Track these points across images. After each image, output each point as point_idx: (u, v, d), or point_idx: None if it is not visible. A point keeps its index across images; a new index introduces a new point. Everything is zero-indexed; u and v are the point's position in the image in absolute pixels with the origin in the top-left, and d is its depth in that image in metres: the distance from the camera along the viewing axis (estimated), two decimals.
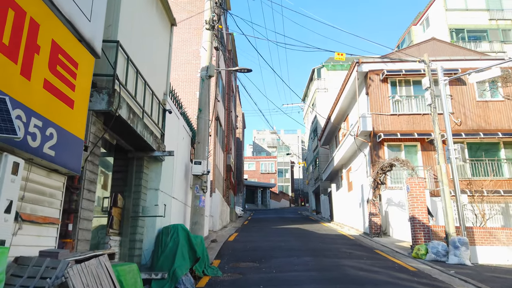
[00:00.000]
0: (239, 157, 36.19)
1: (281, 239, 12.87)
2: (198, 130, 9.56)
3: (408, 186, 10.50)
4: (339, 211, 21.68)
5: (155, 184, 7.13)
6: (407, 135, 16.32)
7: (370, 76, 17.59)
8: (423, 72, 16.94)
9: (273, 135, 76.44)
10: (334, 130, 25.84)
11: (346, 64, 33.75)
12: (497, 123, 16.60)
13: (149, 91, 6.57)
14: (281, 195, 58.62)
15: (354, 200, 18.20)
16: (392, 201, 15.38)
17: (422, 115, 16.90)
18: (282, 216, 29.07)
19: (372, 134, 16.85)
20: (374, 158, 16.60)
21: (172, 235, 6.90)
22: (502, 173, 16.09)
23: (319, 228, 18.18)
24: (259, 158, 64.83)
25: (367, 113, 17.29)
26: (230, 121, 24.37)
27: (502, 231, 10.65)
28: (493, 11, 27.27)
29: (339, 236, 14.70)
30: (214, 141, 16.45)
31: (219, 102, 18.52)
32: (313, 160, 35.35)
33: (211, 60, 10.07)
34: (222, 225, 17.70)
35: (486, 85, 17.19)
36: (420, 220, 10.12)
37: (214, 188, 16.33)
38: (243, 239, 13.08)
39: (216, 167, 17.17)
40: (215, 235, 13.44)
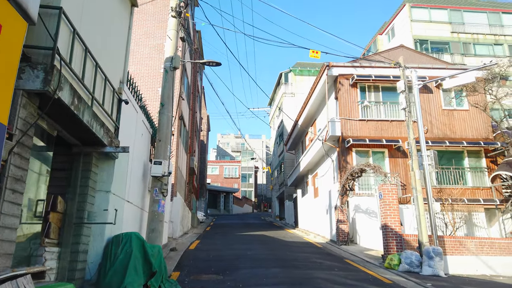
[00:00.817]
0: (202, 160, 35.08)
1: (246, 247, 12.07)
2: (160, 127, 8.60)
3: (380, 193, 10.08)
4: (304, 217, 21.21)
5: (106, 186, 6.12)
6: (376, 141, 16.12)
7: (340, 80, 17.31)
8: (392, 78, 16.92)
9: (237, 139, 75.73)
10: (301, 135, 25.49)
11: (313, 70, 33.74)
12: (462, 132, 16.81)
13: (102, 75, 5.60)
14: (244, 200, 57.85)
15: (320, 207, 17.77)
16: (360, 208, 15.04)
17: (390, 122, 16.80)
18: (245, 222, 28.27)
19: (341, 139, 16.52)
20: (342, 163, 16.26)
21: (124, 245, 5.93)
22: (465, 181, 16.26)
23: (285, 235, 17.56)
24: (223, 162, 63.79)
25: (336, 117, 16.96)
26: (195, 122, 23.35)
27: (472, 240, 10.47)
28: (455, 24, 28.20)
29: (306, 244, 14.12)
30: (177, 141, 15.43)
31: (184, 101, 17.51)
32: (278, 165, 34.91)
33: (176, 50, 9.16)
34: (183, 232, 16.63)
35: (452, 94, 17.41)
36: (393, 228, 9.71)
37: (175, 191, 15.28)
38: (205, 247, 12.15)
39: (178, 169, 16.13)
40: (175, 242, 12.41)
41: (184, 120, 17.92)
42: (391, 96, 17.35)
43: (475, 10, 28.83)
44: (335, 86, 17.79)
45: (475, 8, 28.90)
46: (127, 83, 6.98)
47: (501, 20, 28.63)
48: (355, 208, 15.04)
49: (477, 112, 17.06)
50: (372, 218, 14.89)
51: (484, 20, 28.53)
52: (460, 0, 29.47)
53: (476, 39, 27.98)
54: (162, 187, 8.32)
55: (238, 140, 75.82)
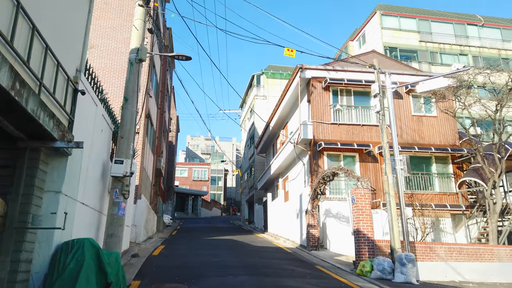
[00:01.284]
0: (171, 162, 34.07)
1: (214, 252, 11.51)
2: (123, 123, 7.93)
3: (353, 197, 9.84)
4: (274, 221, 20.86)
5: (57, 186, 5.43)
6: (347, 145, 16.02)
7: (313, 83, 17.13)
8: (364, 83, 16.93)
9: (207, 141, 74.75)
10: (272, 137, 25.20)
11: (286, 74, 33.66)
12: (430, 138, 17.04)
13: (53, 60, 4.94)
14: (213, 204, 56.96)
15: (291, 211, 17.46)
16: (330, 213, 14.85)
17: (361, 126, 16.78)
18: (214, 226, 27.59)
19: (313, 142, 16.31)
20: (314, 167, 16.04)
21: (75, 253, 5.26)
22: (433, 187, 16.45)
23: (254, 240, 17.11)
24: (192, 164, 62.62)
25: (308, 120, 16.76)
26: (163, 122, 22.51)
27: (441, 246, 10.43)
28: (423, 33, 28.94)
29: (276, 249, 13.72)
30: (143, 140, 14.66)
31: (152, 99, 16.74)
32: (248, 168, 34.48)
33: (143, 42, 8.53)
34: (147, 236, 15.81)
35: (422, 100, 17.64)
36: (365, 234, 9.48)
37: (140, 193, 14.48)
38: (170, 252, 11.48)
39: (143, 170, 15.33)
40: (138, 248, 11.65)
41: (151, 119, 17.14)
42: (362, 101, 17.37)
43: (442, 21, 29.73)
44: (307, 89, 17.61)
45: (442, 19, 29.80)
46: (85, 72, 6.31)
47: (466, 31, 29.67)
48: (325, 213, 14.82)
49: (445, 119, 17.37)
50: (342, 222, 14.72)
51: (450, 31, 29.46)
52: (428, 10, 30.32)
53: (442, 48, 28.83)
54: (123, 188, 7.65)
55: (208, 142, 74.83)
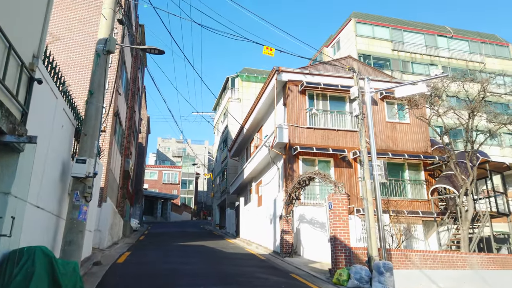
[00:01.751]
0: (140, 164, 32.95)
1: (184, 260, 10.89)
2: (87, 119, 7.25)
3: (330, 202, 9.54)
4: (246, 227, 20.38)
5: (5, 186, 4.75)
6: (322, 150, 15.83)
7: (289, 86, 16.88)
8: (340, 88, 16.84)
9: (179, 144, 73.41)
10: (246, 141, 24.79)
11: (261, 77, 33.42)
12: (403, 145, 17.15)
13: (4, 43, 4.30)
14: (183, 208, 55.77)
15: (264, 216, 17.06)
16: (305, 218, 14.56)
17: (336, 131, 16.66)
18: (183, 231, 26.76)
19: (288, 146, 16.02)
20: (288, 171, 15.73)
21: (24, 264, 4.60)
22: (406, 193, 16.52)
23: (225, 246, 16.56)
24: (162, 167, 61.17)
25: (284, 124, 16.46)
26: (133, 122, 21.61)
27: (416, 254, 10.32)
28: (396, 42, 29.50)
29: (248, 256, 13.25)
30: (111, 140, 13.85)
31: (121, 97, 15.93)
32: (220, 172, 33.87)
33: (112, 32, 7.90)
34: (113, 241, 14.93)
35: (396, 107, 17.77)
36: (342, 241, 9.19)
37: (105, 196, 13.65)
38: (136, 259, 10.77)
39: (110, 171, 14.49)
40: (101, 255, 10.86)
41: (120, 118, 16.31)
42: (338, 106, 17.28)
43: (414, 31, 30.44)
44: (283, 92, 17.34)
45: (413, 29, 30.51)
46: (44, 60, 5.66)
47: (436, 42, 30.51)
48: (299, 218, 14.52)
49: (417, 126, 17.56)
50: (316, 228, 14.47)
51: (421, 41, 30.19)
52: (401, 20, 30.98)
53: (414, 58, 29.47)
54: (85, 190, 6.97)
55: (180, 145, 73.49)
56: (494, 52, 31.47)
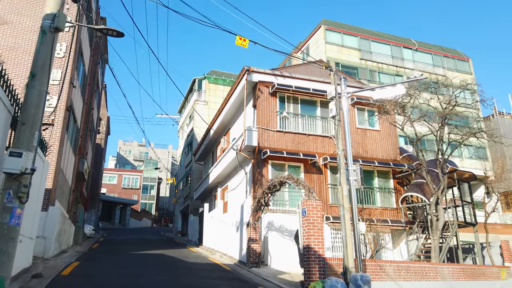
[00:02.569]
0: (98, 166, 30.97)
1: (140, 271, 9.76)
2: (26, 106, 6.10)
3: (304, 209, 8.83)
4: (210, 234, 19.32)
5: None
6: (293, 155, 15.20)
7: (260, 88, 16.18)
8: (312, 91, 16.35)
9: (141, 147, 70.84)
10: (212, 145, 23.81)
11: (229, 80, 32.61)
12: (373, 152, 16.89)
13: None
14: (143, 214, 53.45)
15: (230, 223, 16.13)
16: (273, 226, 13.80)
17: (307, 136, 16.12)
18: (142, 238, 25.19)
19: (257, 150, 15.27)
20: (257, 176, 14.95)
21: None
22: (375, 202, 16.20)
23: (187, 255, 15.44)
24: (122, 171, 58.53)
25: (254, 126, 15.71)
26: (90, 120, 20.04)
27: (391, 265, 9.83)
28: (364, 51, 29.75)
29: (212, 266, 12.26)
30: (62, 136, 12.46)
31: (76, 90, 14.53)
32: (184, 177, 32.54)
33: (62, 7, 6.80)
34: (61, 250, 13.41)
35: (366, 114, 17.53)
36: (316, 251, 8.48)
37: (53, 199, 12.21)
38: (85, 271, 9.51)
39: (60, 171, 13.05)
40: (44, 265, 9.49)
41: (74, 114, 14.88)
42: (309, 110, 16.78)
43: (381, 42, 30.88)
44: (253, 94, 16.62)
45: (381, 40, 30.96)
46: None
47: (402, 54, 31.11)
48: (268, 226, 13.74)
49: (387, 134, 17.40)
50: (285, 237, 13.74)
51: (388, 52, 30.68)
52: (368, 30, 31.35)
53: (381, 68, 29.83)
54: (20, 189, 5.81)
55: (142, 148, 70.91)
56: (456, 66, 32.55)
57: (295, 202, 15.01)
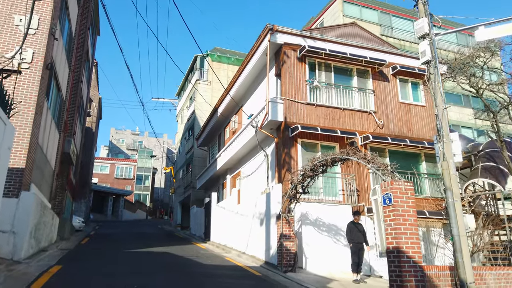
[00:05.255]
0: (88, 152, 27.90)
1: (145, 280, 6.94)
2: None
3: (388, 195, 6.03)
4: (220, 228, 16.52)
5: None
6: (329, 132, 12.40)
7: (286, 51, 13.29)
8: (349, 55, 13.51)
9: (134, 136, 67.59)
10: (220, 126, 20.92)
11: (234, 59, 29.61)
12: (419, 131, 14.17)
13: None
14: (138, 205, 50.43)
15: (249, 215, 13.33)
16: (308, 219, 11.03)
17: (342, 110, 13.33)
18: (139, 232, 22.31)
19: (283, 126, 12.45)
20: (284, 158, 12.15)
21: None
22: (423, 191, 13.51)
23: (197, 253, 12.65)
24: (115, 160, 55.34)
25: (278, 98, 12.86)
26: (78, 94, 16.99)
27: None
28: (384, 27, 26.98)
29: (236, 270, 9.47)
30: (40, 102, 9.50)
31: (58, 44, 11.51)
32: (184, 165, 29.62)
33: None
34: (39, 248, 10.50)
35: (409, 86, 14.78)
36: (411, 256, 5.72)
37: (27, 182, 9.30)
38: (67, 279, 6.69)
39: (38, 147, 10.12)
40: (6, 274, 6.61)
41: (57, 79, 11.88)
42: (344, 80, 13.98)
43: (403, 17, 28.11)
44: (276, 59, 13.76)
45: (402, 15, 28.18)
46: None
47: None
48: (301, 218, 10.97)
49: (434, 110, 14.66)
50: (322, 232, 11.00)
51: (410, 28, 27.91)
52: (389, 5, 28.55)
53: (403, 45, 27.02)
54: None
55: (136, 137, 67.65)
56: None
57: (329, 190, 12.28)
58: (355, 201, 12.08)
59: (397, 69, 14.24)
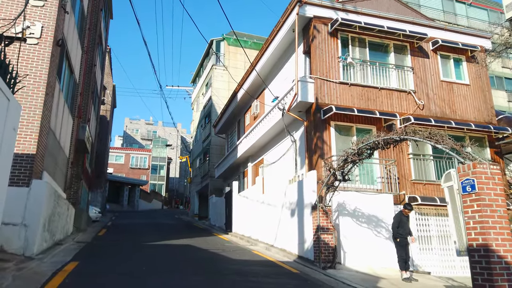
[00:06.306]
0: (103, 141, 27.24)
1: (168, 281, 6.02)
2: None
3: (471, 181, 4.91)
4: (243, 219, 15.60)
5: None
6: (366, 113, 11.24)
7: (316, 25, 12.09)
8: (387, 29, 12.23)
9: (148, 126, 67.16)
10: (239, 112, 19.87)
11: (251, 42, 28.37)
12: (463, 112, 12.87)
13: None
14: (153, 195, 50.08)
15: (277, 205, 12.32)
16: (345, 209, 9.96)
17: (379, 90, 12.11)
18: (157, 222, 21.60)
19: (314, 108, 11.32)
20: (316, 143, 11.04)
21: None
22: None
23: (222, 246, 11.74)
24: (130, 150, 54.98)
25: (308, 77, 11.71)
26: (92, 79, 16.12)
27: None
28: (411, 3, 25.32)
29: (270, 266, 8.50)
30: (51, 82, 8.58)
31: (69, 18, 10.55)
32: (201, 153, 28.75)
33: None
34: (54, 241, 9.70)
35: (451, 62, 13.44)
36: (503, 256, 4.63)
37: (39, 170, 8.45)
38: (84, 280, 5.82)
39: (50, 132, 9.24)
40: (14, 274, 5.74)
41: (69, 58, 10.95)
42: (379, 56, 12.72)
43: None
44: (305, 35, 12.57)
45: None
46: None
47: (454, 8, 26.73)
48: (337, 209, 9.90)
49: (479, 88, 13.32)
50: (362, 224, 9.92)
51: (439, 5, 26.30)
52: None
53: None
54: None
55: (150, 127, 67.20)
56: None
57: (366, 178, 11.17)
58: (396, 189, 10.94)
59: (438, 43, 12.90)
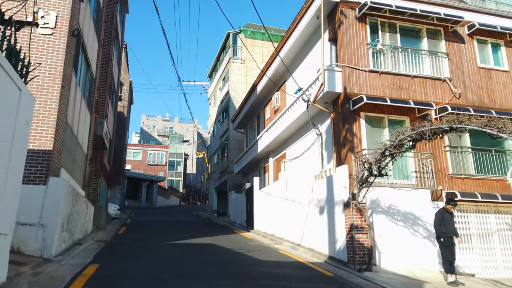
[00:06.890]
0: (121, 138, 27.08)
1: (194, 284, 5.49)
2: None
3: None
4: (265, 216, 15.04)
5: None
6: (400, 103, 10.49)
7: (342, 10, 11.34)
8: (419, 12, 11.39)
9: (165, 122, 67.26)
10: (259, 105, 19.26)
11: (269, 34, 27.58)
12: (502, 101, 11.94)
13: None
14: (171, 191, 50.09)
15: (303, 202, 11.70)
16: (380, 206, 9.26)
17: (411, 78, 11.30)
18: (176, 219, 21.27)
19: (342, 98, 10.61)
20: (345, 135, 10.35)
21: None
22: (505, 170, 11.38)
23: (245, 246, 11.21)
24: (147, 146, 55.10)
25: (335, 65, 11.00)
26: (109, 74, 15.78)
27: None
28: None
29: (301, 269, 7.90)
30: (67, 74, 8.15)
31: (84, 8, 10.11)
32: (219, 149, 28.30)
33: None
34: (73, 241, 9.33)
35: (488, 47, 12.51)
36: None
37: (56, 167, 8.04)
38: (105, 285, 5.33)
39: (67, 127, 8.84)
40: (30, 279, 5.30)
41: (86, 50, 10.53)
42: (411, 42, 11.89)
43: None
44: (330, 21, 11.84)
45: None
46: None
47: None
48: (370, 206, 9.22)
49: None
50: (398, 222, 9.21)
51: None
52: None
53: None
54: None
55: (166, 123, 67.29)
56: None
57: (399, 173, 10.43)
58: (433, 184, 10.17)
59: (475, 27, 11.99)
